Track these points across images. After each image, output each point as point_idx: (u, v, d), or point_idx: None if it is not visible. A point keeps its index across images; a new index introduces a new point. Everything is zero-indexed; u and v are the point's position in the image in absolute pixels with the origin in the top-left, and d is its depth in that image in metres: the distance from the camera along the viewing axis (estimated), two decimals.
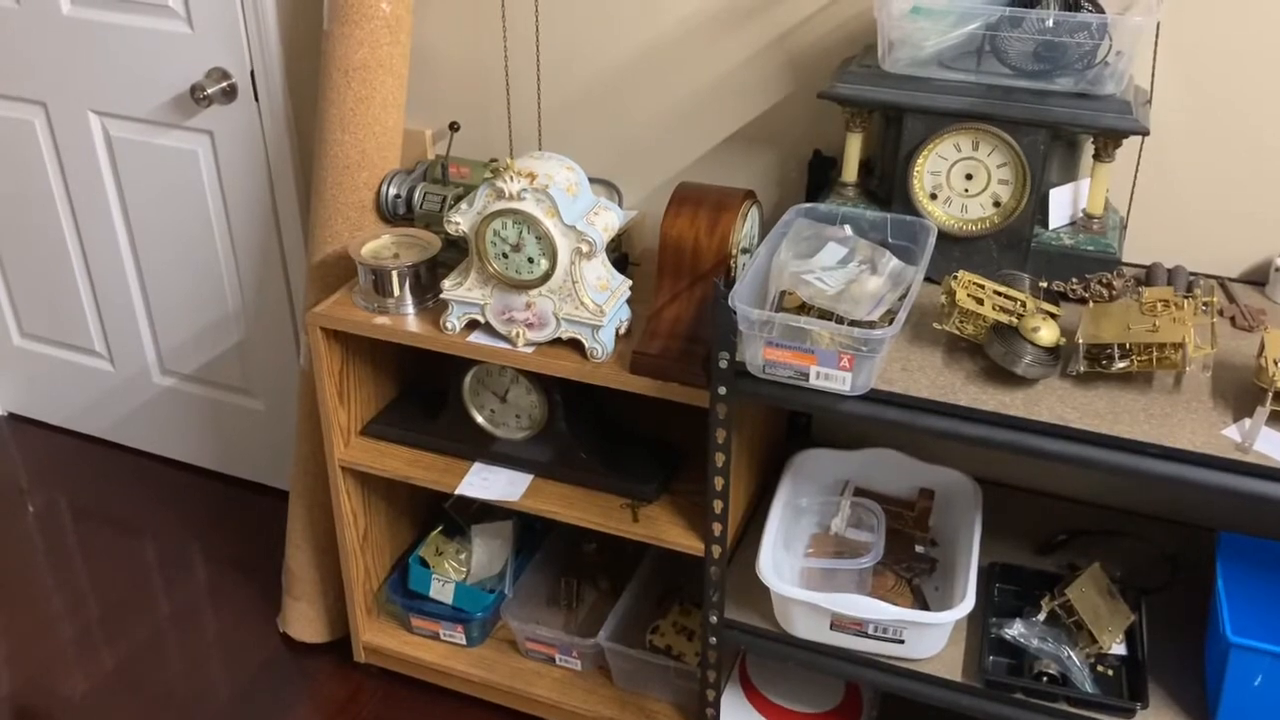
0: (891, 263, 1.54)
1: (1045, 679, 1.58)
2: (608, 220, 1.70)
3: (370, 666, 2.21)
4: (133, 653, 2.28)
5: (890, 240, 1.61)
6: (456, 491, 1.92)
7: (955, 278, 1.54)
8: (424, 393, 2.07)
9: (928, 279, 1.61)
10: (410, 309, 1.85)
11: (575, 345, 1.73)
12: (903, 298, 1.49)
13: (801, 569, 1.75)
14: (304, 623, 2.28)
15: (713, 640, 1.77)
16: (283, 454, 2.55)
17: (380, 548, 2.18)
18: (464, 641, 2.14)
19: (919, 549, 1.79)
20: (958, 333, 1.52)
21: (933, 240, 1.58)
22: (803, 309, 1.51)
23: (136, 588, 2.45)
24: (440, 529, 2.19)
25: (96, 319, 2.71)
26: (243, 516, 2.64)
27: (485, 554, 2.16)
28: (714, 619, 1.74)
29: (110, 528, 2.63)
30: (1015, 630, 1.62)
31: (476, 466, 1.94)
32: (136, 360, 2.71)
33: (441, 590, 2.12)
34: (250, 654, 2.28)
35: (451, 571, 2.15)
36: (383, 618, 2.21)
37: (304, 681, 2.23)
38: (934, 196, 1.66)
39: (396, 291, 1.84)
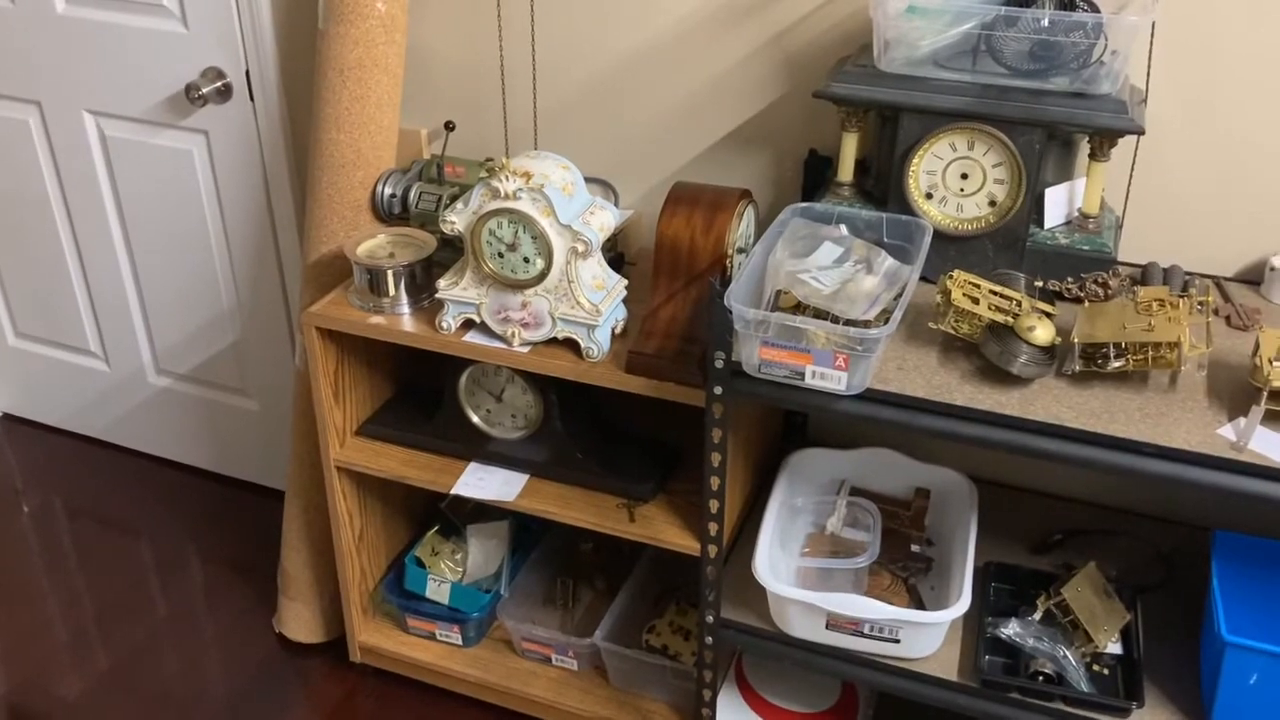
0: (887, 262, 1.54)
1: (1041, 678, 1.58)
2: (603, 220, 1.69)
3: (366, 667, 2.21)
4: (128, 653, 2.28)
5: (886, 240, 1.61)
6: (452, 491, 1.91)
7: (951, 277, 1.54)
8: (420, 392, 2.07)
9: (923, 278, 1.61)
10: (406, 309, 1.85)
11: (571, 345, 1.73)
12: (898, 297, 1.49)
13: (797, 568, 1.75)
14: (300, 623, 2.28)
15: (709, 640, 1.77)
16: (278, 454, 2.55)
17: (376, 548, 2.18)
18: (460, 642, 2.14)
19: (915, 548, 1.79)
20: (953, 332, 1.52)
21: (928, 240, 1.58)
22: (798, 308, 1.51)
23: (132, 588, 2.45)
24: (436, 529, 2.19)
25: (92, 319, 2.71)
26: (238, 517, 2.64)
27: (481, 554, 2.16)
28: (710, 618, 1.74)
29: (106, 528, 2.62)
30: (1011, 629, 1.62)
31: (472, 466, 1.94)
32: (132, 360, 2.70)
33: (437, 590, 2.12)
34: (246, 654, 2.28)
35: (447, 571, 2.14)
36: (379, 618, 2.21)
37: (300, 682, 2.22)
38: (929, 196, 1.66)
39: (392, 291, 1.84)
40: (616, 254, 1.89)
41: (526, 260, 1.68)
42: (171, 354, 2.65)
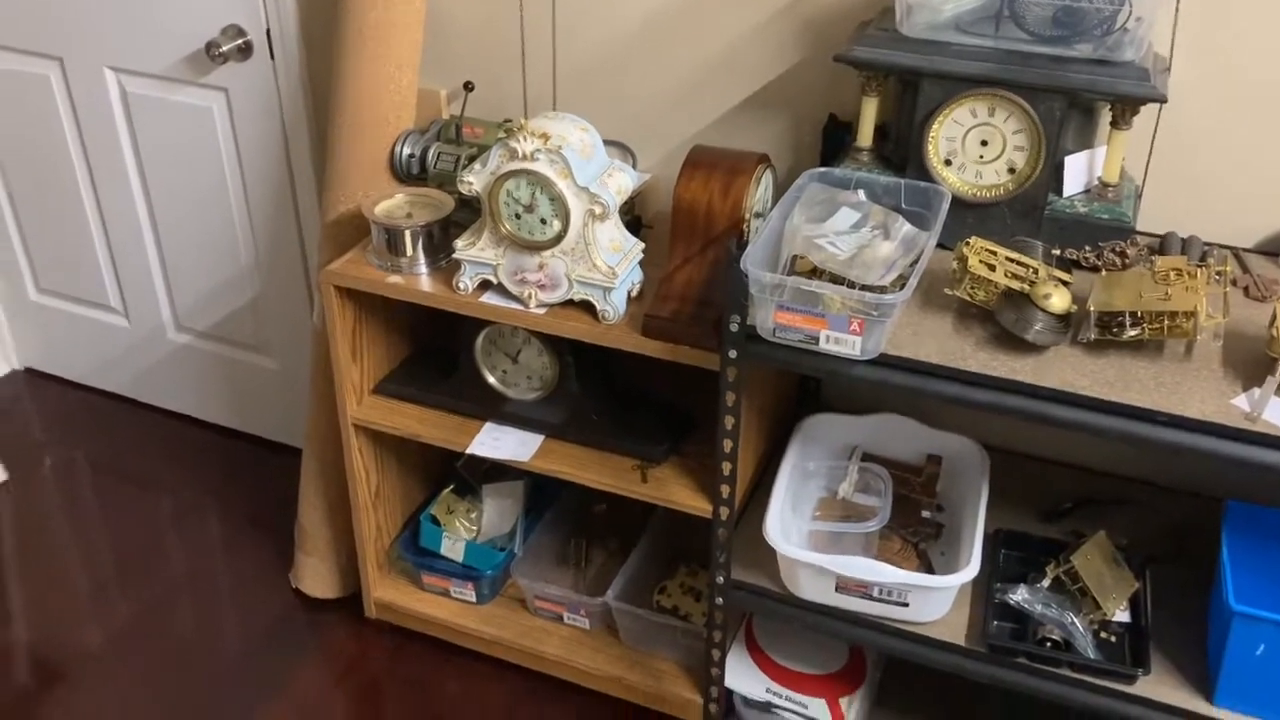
0: (904, 228, 1.54)
1: (1048, 644, 1.60)
2: (621, 182, 1.70)
3: (381, 622, 2.24)
4: (147, 606, 2.32)
5: (904, 206, 1.61)
6: (467, 451, 1.93)
7: (968, 244, 1.54)
8: (436, 352, 2.08)
9: (940, 245, 1.60)
10: (423, 269, 1.86)
11: (587, 307, 1.74)
12: (915, 263, 1.49)
13: (808, 532, 1.77)
14: (316, 578, 2.30)
15: (719, 601, 1.79)
16: (296, 411, 2.56)
17: (392, 505, 2.20)
18: (474, 599, 2.16)
19: (925, 514, 1.80)
20: (969, 299, 1.53)
21: (946, 206, 1.57)
22: (814, 273, 1.51)
23: (151, 542, 2.48)
24: (452, 488, 2.21)
25: (112, 275, 2.72)
26: (256, 473, 2.66)
27: (496, 513, 2.18)
28: (721, 580, 1.76)
29: (125, 483, 2.65)
30: (1019, 596, 1.63)
31: (488, 426, 1.96)
32: (151, 317, 2.72)
33: (452, 548, 2.14)
34: (263, 609, 2.31)
35: (462, 530, 2.17)
36: (394, 574, 2.23)
37: (315, 636, 2.25)
38: (949, 162, 1.65)
39: (410, 251, 1.84)
40: (634, 217, 1.89)
41: (544, 222, 1.68)
42: (191, 311, 2.66)
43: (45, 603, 2.33)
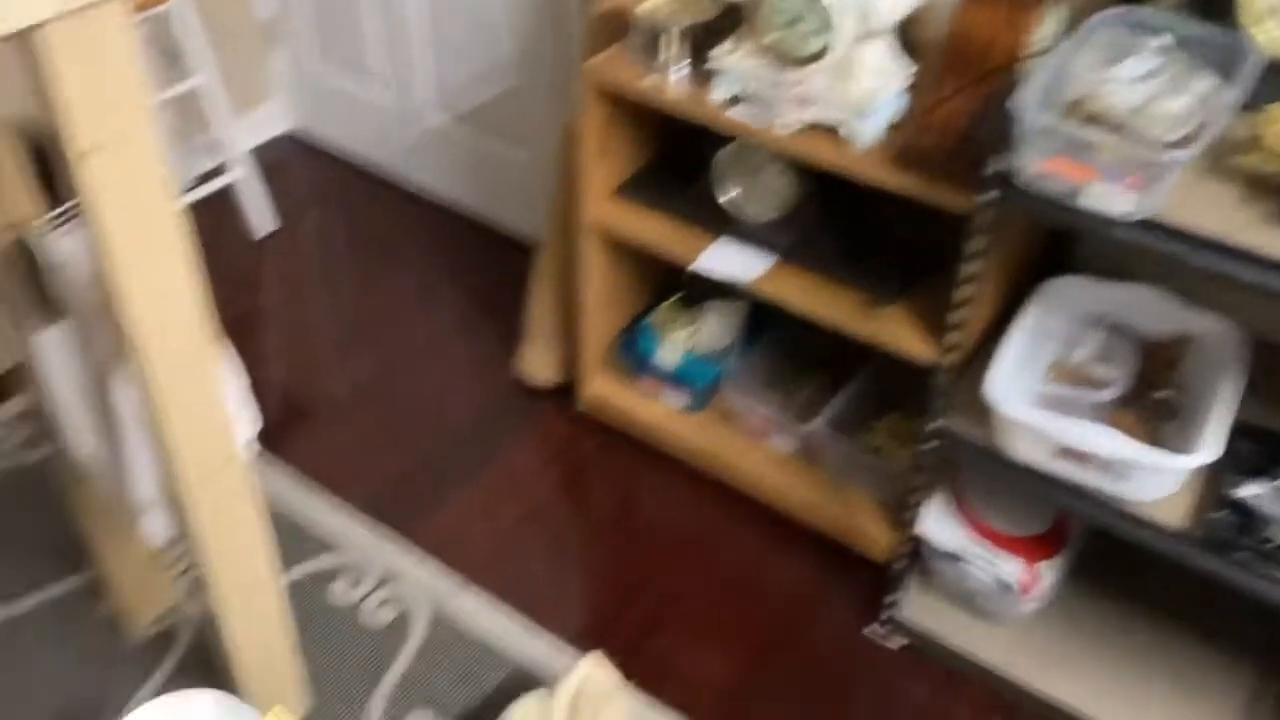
0: (1202, 83, 1.41)
1: (1273, 545, 1.51)
2: (898, 1, 1.61)
3: (592, 417, 2.34)
4: (386, 367, 2.50)
5: (1207, 59, 1.47)
6: (697, 264, 1.95)
7: (1271, 110, 1.40)
8: (679, 160, 2.08)
9: (1241, 107, 1.46)
10: (679, 73, 1.84)
11: (838, 131, 1.69)
12: (1208, 123, 1.37)
13: (1036, 392, 1.71)
14: (538, 366, 2.41)
15: (929, 445, 1.77)
16: (538, 206, 2.64)
17: (617, 306, 2.27)
18: (683, 406, 2.22)
19: (1165, 393, 1.70)
20: (1262, 170, 1.40)
21: (1254, 64, 1.43)
22: (1092, 120, 1.41)
23: (393, 310, 2.65)
24: (677, 297, 2.25)
25: (385, 50, 2.80)
26: (493, 262, 2.77)
27: (716, 328, 2.21)
28: (934, 425, 1.74)
29: (373, 251, 2.82)
30: (1251, 490, 1.55)
31: (720, 241, 1.96)
32: (416, 95, 2.81)
33: (668, 356, 2.20)
34: (486, 386, 2.45)
35: (681, 340, 2.21)
36: (610, 373, 2.32)
37: (531, 419, 2.38)
38: (1269, 16, 1.49)
39: (668, 53, 1.83)
40: (905, 41, 1.80)
41: (809, 36, 1.63)
42: (452, 93, 2.74)
43: (297, 348, 2.55)
